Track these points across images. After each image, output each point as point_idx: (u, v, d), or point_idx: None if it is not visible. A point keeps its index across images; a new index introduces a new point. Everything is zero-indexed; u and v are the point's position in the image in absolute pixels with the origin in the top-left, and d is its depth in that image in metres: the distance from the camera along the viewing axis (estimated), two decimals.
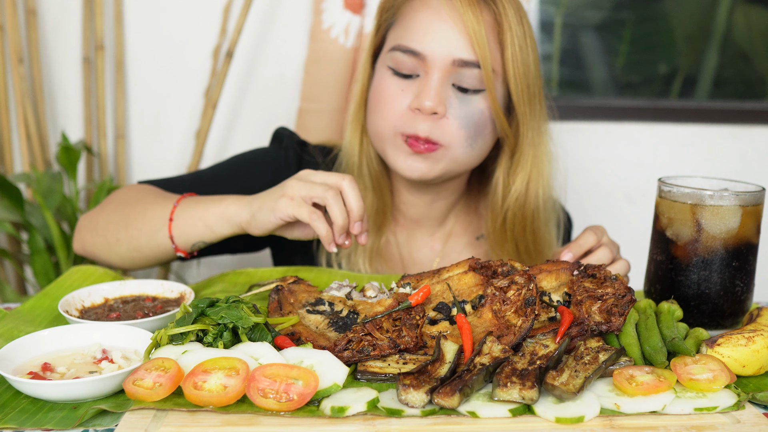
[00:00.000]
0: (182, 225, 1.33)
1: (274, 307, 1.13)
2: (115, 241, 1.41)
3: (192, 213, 1.33)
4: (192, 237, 1.34)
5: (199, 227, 1.32)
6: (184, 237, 1.34)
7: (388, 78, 1.42)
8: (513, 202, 1.49)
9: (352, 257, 1.52)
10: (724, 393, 0.94)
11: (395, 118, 1.40)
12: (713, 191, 1.14)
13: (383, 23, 1.48)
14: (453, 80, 1.38)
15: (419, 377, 0.91)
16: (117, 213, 1.43)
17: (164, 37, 2.34)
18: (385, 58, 1.43)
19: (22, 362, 0.98)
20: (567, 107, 2.46)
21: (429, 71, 1.37)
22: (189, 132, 2.37)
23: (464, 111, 1.38)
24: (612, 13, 2.63)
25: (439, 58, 1.36)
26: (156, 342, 0.98)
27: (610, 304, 1.04)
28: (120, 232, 1.40)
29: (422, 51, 1.37)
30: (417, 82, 1.39)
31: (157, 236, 1.36)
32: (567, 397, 0.89)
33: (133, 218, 1.39)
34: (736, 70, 2.70)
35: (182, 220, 1.33)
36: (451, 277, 1.15)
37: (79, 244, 1.47)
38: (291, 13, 2.33)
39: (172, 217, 1.34)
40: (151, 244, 1.37)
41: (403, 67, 1.39)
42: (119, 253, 1.42)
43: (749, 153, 2.51)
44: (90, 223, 1.46)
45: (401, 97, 1.39)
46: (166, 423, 0.85)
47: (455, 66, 1.36)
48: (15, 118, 2.28)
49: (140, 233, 1.37)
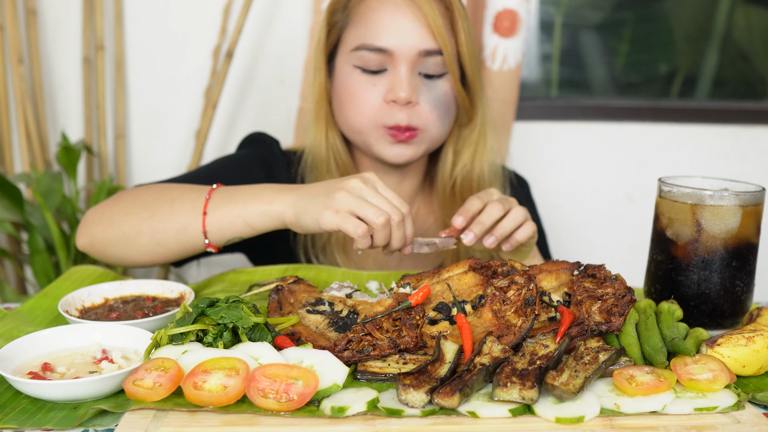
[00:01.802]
0: (218, 221, 1.28)
1: (274, 307, 1.13)
2: (136, 233, 1.33)
3: (230, 208, 1.27)
4: (228, 233, 1.29)
5: (237, 224, 1.27)
6: (219, 233, 1.29)
7: (357, 76, 1.49)
8: (460, 170, 1.61)
9: (327, 248, 1.56)
10: (724, 393, 0.94)
11: (372, 112, 1.48)
12: (713, 191, 1.14)
13: (335, 24, 1.54)
14: (419, 69, 1.48)
15: (419, 377, 0.91)
16: (137, 204, 1.35)
17: (164, 37, 2.34)
18: (349, 58, 1.50)
19: (22, 362, 0.98)
20: (567, 107, 2.46)
21: (397, 64, 1.46)
22: (189, 132, 2.37)
23: (432, 95, 1.50)
24: (612, 13, 2.63)
25: (406, 52, 1.46)
26: (156, 342, 0.98)
27: (610, 304, 1.04)
28: (143, 224, 1.32)
29: (389, 47, 1.45)
30: (386, 75, 1.48)
31: (187, 230, 1.30)
32: (567, 397, 0.89)
33: (159, 210, 1.32)
34: (736, 70, 2.70)
35: (218, 216, 1.28)
36: (451, 277, 1.15)
37: (86, 239, 1.38)
38: (291, 13, 2.33)
39: (205, 210, 1.28)
40: (179, 238, 1.31)
41: (371, 64, 1.47)
42: (138, 246, 1.34)
43: (749, 153, 2.51)
44: (101, 216, 1.37)
45: (374, 92, 1.48)
46: (166, 423, 0.85)
47: (420, 56, 1.46)
48: (15, 118, 2.28)
49: (167, 226, 1.31)
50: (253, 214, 1.26)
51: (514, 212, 1.31)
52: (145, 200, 1.35)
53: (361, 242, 1.19)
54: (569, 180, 2.47)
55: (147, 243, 1.33)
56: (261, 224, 1.26)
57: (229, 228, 1.28)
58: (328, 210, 1.18)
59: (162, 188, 1.37)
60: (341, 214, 1.18)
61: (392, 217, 1.19)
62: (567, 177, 2.47)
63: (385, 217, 1.17)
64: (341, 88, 1.52)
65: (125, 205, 1.36)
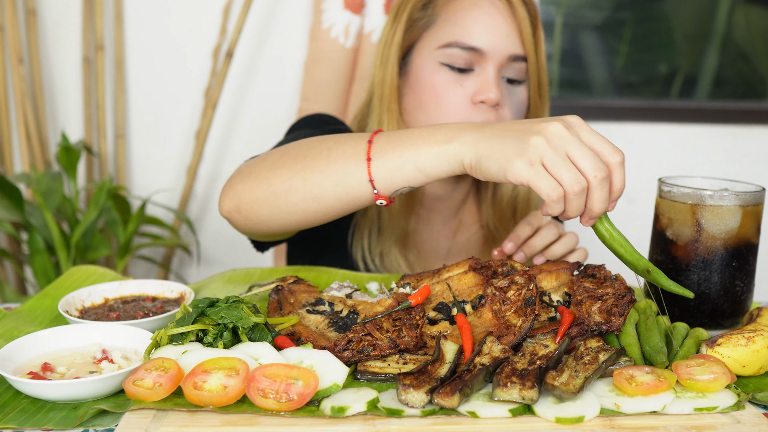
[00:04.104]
0: (386, 167, 1.11)
1: (274, 307, 1.13)
2: (287, 188, 1.18)
3: (398, 151, 1.10)
4: (397, 181, 1.12)
5: (407, 170, 1.10)
6: (387, 181, 1.12)
7: (444, 74, 1.45)
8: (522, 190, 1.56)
9: (384, 248, 1.54)
10: (724, 393, 0.94)
11: (457, 110, 1.44)
12: (713, 191, 1.14)
13: (416, 21, 1.50)
14: (503, 73, 1.45)
15: (419, 377, 0.91)
16: (287, 158, 1.20)
17: (164, 37, 2.34)
18: (435, 55, 1.46)
19: (22, 362, 0.98)
20: (567, 107, 2.46)
21: (485, 66, 1.43)
22: (189, 132, 2.37)
23: (514, 101, 1.47)
24: (612, 13, 2.63)
25: (497, 54, 1.42)
26: (156, 342, 0.98)
27: (610, 304, 1.04)
28: (295, 177, 1.17)
29: (482, 47, 1.42)
30: (473, 76, 1.44)
31: (349, 180, 1.14)
32: (567, 397, 0.89)
33: (313, 160, 1.17)
34: (736, 70, 2.70)
35: (385, 161, 1.11)
36: (451, 277, 1.15)
37: (231, 202, 1.23)
38: (291, 13, 2.33)
39: (369, 156, 1.12)
40: (339, 191, 1.15)
41: (459, 62, 1.43)
42: (290, 204, 1.19)
43: (749, 153, 2.51)
44: (248, 175, 1.23)
45: (461, 92, 1.44)
46: (166, 423, 0.85)
47: (508, 60, 1.44)
48: (15, 118, 2.28)
49: (323, 177, 1.15)
50: (427, 157, 1.08)
51: (568, 238, 1.34)
52: (297, 152, 1.20)
53: (553, 208, 1.01)
54: None
55: (300, 199, 1.18)
56: (436, 169, 1.09)
57: (398, 175, 1.11)
58: (520, 159, 0.99)
59: (315, 139, 1.22)
60: (536, 167, 0.99)
61: (595, 177, 0.99)
62: None
63: (581, 184, 0.98)
64: (422, 86, 1.47)
65: (274, 160, 1.22)
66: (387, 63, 1.51)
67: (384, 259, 1.55)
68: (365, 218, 1.56)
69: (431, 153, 1.08)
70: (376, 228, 1.55)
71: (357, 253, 1.55)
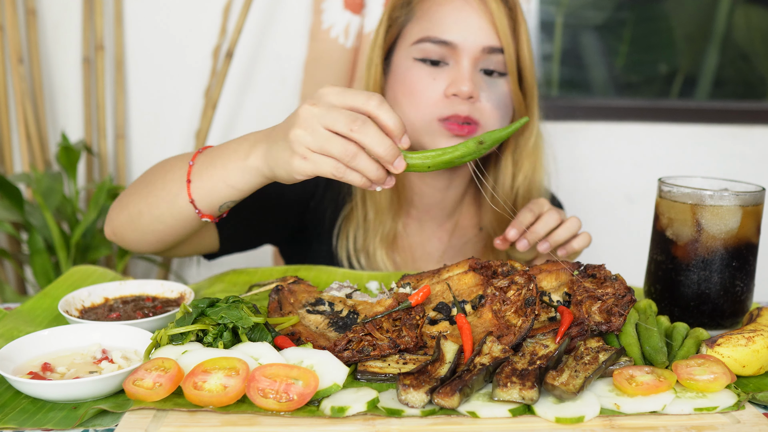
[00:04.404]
0: (202, 186, 1.17)
1: (274, 307, 1.13)
2: (138, 213, 1.26)
3: (211, 172, 1.16)
4: (216, 199, 1.17)
5: (221, 188, 1.16)
6: (207, 200, 1.18)
7: (418, 68, 1.45)
8: (522, 181, 1.55)
9: (370, 248, 1.54)
10: (724, 393, 0.94)
11: (431, 104, 1.43)
12: (713, 191, 1.14)
13: (395, 20, 1.51)
14: (480, 66, 1.45)
15: (419, 377, 0.91)
16: (140, 182, 1.29)
17: (164, 37, 2.34)
18: (410, 51, 1.46)
19: (22, 362, 0.98)
20: (567, 107, 2.46)
21: (459, 59, 1.43)
22: (189, 132, 2.37)
23: (494, 93, 1.46)
24: (612, 13, 2.63)
25: (470, 47, 1.42)
26: (156, 342, 0.98)
27: (610, 304, 1.04)
28: (141, 202, 1.25)
29: (454, 40, 1.42)
30: (447, 69, 1.44)
31: (177, 201, 1.20)
32: (567, 397, 0.89)
33: (153, 184, 1.24)
34: (736, 70, 2.70)
35: (201, 182, 1.17)
36: (451, 277, 1.15)
37: (108, 228, 1.33)
38: (291, 13, 2.33)
39: (189, 177, 1.18)
40: (173, 212, 1.21)
41: (432, 56, 1.44)
42: (142, 227, 1.26)
43: (749, 153, 2.51)
44: (119, 200, 1.32)
45: (434, 85, 1.43)
46: (166, 423, 0.85)
47: (483, 53, 1.43)
48: (15, 118, 2.28)
49: (160, 200, 1.22)
50: (235, 175, 1.14)
51: (570, 222, 1.34)
52: (147, 177, 1.28)
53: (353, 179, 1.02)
54: (569, 180, 2.47)
55: (148, 222, 1.25)
56: (247, 184, 1.14)
57: (214, 194, 1.17)
58: (293, 158, 1.03)
59: (163, 162, 1.29)
60: (309, 158, 1.02)
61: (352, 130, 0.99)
62: (567, 177, 2.46)
63: (349, 149, 0.99)
64: (399, 82, 1.48)
65: (134, 185, 1.30)
66: (371, 63, 1.53)
67: (370, 260, 1.54)
68: (351, 218, 1.55)
69: (237, 170, 1.13)
70: (362, 228, 1.54)
71: (342, 253, 1.55)
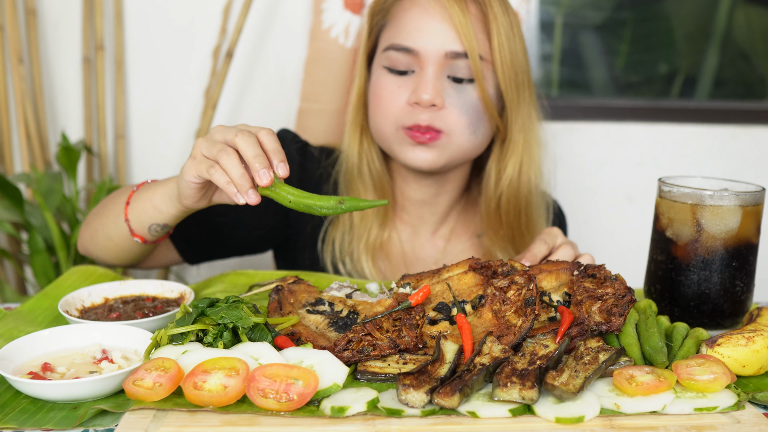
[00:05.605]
0: (135, 208, 1.29)
1: (274, 307, 1.13)
2: (94, 231, 1.39)
3: (144, 195, 1.28)
4: (145, 220, 1.29)
5: (148, 209, 1.27)
6: (138, 221, 1.29)
7: (385, 77, 1.45)
8: (506, 186, 1.52)
9: (354, 254, 1.53)
10: (724, 393, 0.94)
11: (395, 113, 1.43)
12: (713, 191, 1.14)
13: (374, 26, 1.51)
14: (447, 72, 1.43)
15: (419, 377, 0.91)
16: (101, 204, 1.43)
17: (164, 37, 2.33)
18: (380, 59, 1.47)
19: (22, 362, 0.98)
20: (567, 107, 2.46)
21: (423, 66, 1.42)
22: (189, 132, 2.37)
23: (462, 100, 1.43)
24: (612, 13, 2.63)
25: (432, 53, 1.41)
26: (156, 342, 0.98)
27: (610, 304, 1.04)
28: (97, 222, 1.39)
29: (415, 47, 1.41)
30: (413, 77, 1.43)
31: (119, 222, 1.33)
32: (567, 397, 0.89)
33: (107, 206, 1.38)
34: (736, 70, 2.70)
35: (135, 204, 1.29)
36: (451, 277, 1.15)
37: (79, 243, 1.47)
38: (291, 13, 2.33)
39: (128, 200, 1.31)
40: (118, 231, 1.34)
41: (398, 65, 1.43)
42: (99, 243, 1.39)
43: (749, 153, 2.51)
44: (86, 218, 1.46)
45: (399, 94, 1.43)
46: (166, 423, 0.85)
47: (448, 58, 1.41)
48: (15, 118, 2.28)
49: (109, 220, 1.35)
50: (159, 198, 1.25)
51: (583, 259, 1.32)
52: (106, 199, 1.41)
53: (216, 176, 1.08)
54: (569, 180, 2.47)
55: (103, 239, 1.38)
56: (166, 207, 1.25)
57: (143, 214, 1.28)
58: (188, 161, 1.13)
59: (120, 189, 1.42)
60: (198, 159, 1.11)
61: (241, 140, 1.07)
62: (567, 177, 2.47)
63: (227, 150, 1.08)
64: (372, 90, 1.49)
65: (99, 204, 1.44)
66: (358, 72, 1.53)
67: (354, 265, 1.53)
68: (336, 222, 1.54)
69: (161, 195, 1.24)
70: (348, 234, 1.53)
71: (327, 258, 1.54)
